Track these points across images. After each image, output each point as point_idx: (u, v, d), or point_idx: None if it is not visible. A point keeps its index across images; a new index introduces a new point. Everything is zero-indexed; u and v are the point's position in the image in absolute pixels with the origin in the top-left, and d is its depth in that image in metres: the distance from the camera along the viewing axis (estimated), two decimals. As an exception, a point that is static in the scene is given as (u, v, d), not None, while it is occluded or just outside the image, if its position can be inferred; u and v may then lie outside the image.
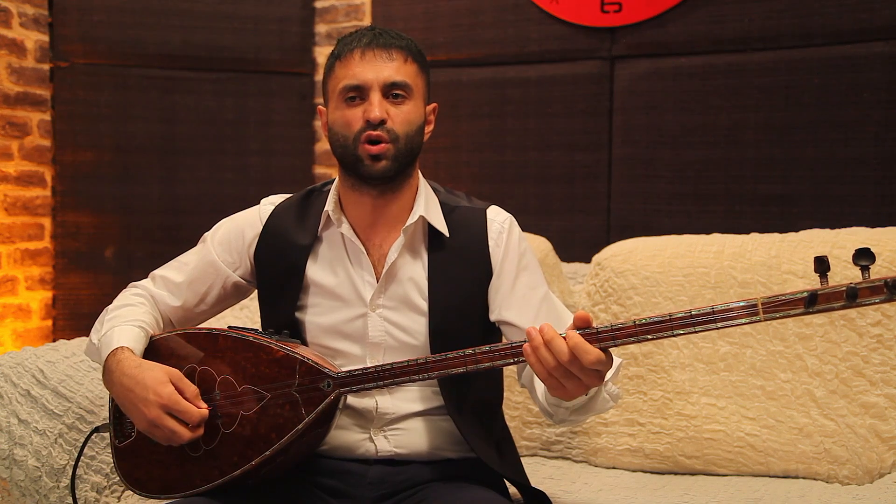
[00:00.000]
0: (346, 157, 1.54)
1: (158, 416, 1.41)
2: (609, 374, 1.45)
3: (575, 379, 1.29)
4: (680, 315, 1.25)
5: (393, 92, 1.52)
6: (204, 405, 1.45)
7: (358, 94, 1.51)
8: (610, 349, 1.30)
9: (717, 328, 1.25)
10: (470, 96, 2.91)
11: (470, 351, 1.35)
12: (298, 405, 1.42)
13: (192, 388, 1.45)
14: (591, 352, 1.26)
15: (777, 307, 1.22)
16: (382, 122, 1.50)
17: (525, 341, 1.31)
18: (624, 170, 2.74)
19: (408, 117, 1.53)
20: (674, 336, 1.27)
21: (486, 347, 1.35)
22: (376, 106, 1.49)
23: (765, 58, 2.56)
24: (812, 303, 1.20)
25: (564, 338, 1.27)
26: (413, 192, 1.60)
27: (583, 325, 1.29)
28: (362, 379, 1.42)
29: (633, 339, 1.27)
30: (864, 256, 1.19)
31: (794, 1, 2.52)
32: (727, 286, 1.97)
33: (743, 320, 1.23)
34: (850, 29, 2.47)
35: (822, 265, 1.20)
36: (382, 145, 1.50)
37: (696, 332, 1.26)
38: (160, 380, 1.43)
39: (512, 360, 1.34)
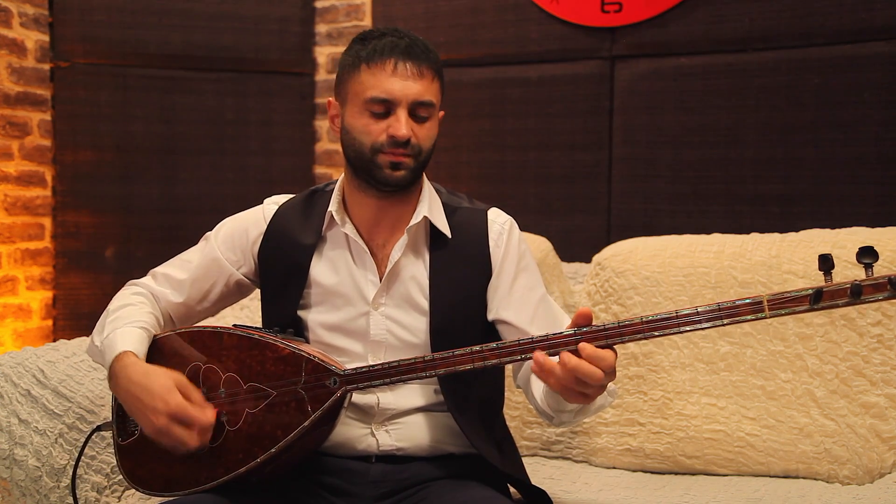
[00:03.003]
0: (361, 162, 1.53)
1: (166, 425, 1.41)
2: None
3: (593, 387, 1.30)
4: (686, 311, 1.27)
5: (419, 112, 1.51)
6: (211, 410, 1.45)
7: (384, 107, 1.50)
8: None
9: (724, 325, 1.26)
10: (470, 96, 2.91)
11: (477, 348, 1.36)
12: (304, 402, 1.43)
13: (197, 395, 1.45)
14: (606, 357, 1.27)
15: (783, 304, 1.23)
16: (408, 141, 1.50)
17: (529, 339, 1.33)
18: (624, 170, 2.74)
19: (430, 133, 1.54)
20: (680, 332, 1.28)
21: (494, 345, 1.35)
22: (403, 124, 1.49)
23: (765, 58, 2.56)
24: (817, 299, 1.22)
25: (576, 352, 1.28)
26: (417, 192, 1.61)
27: (585, 323, 1.30)
28: (369, 376, 1.42)
29: (640, 335, 1.29)
30: (867, 254, 1.20)
31: (794, 1, 2.52)
32: (727, 286, 1.97)
33: (749, 317, 1.25)
34: (850, 29, 2.47)
35: (826, 263, 1.22)
36: (404, 158, 1.51)
37: (702, 328, 1.27)
38: (168, 388, 1.42)
39: (519, 357, 1.35)
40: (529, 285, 1.61)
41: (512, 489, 1.64)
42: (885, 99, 2.43)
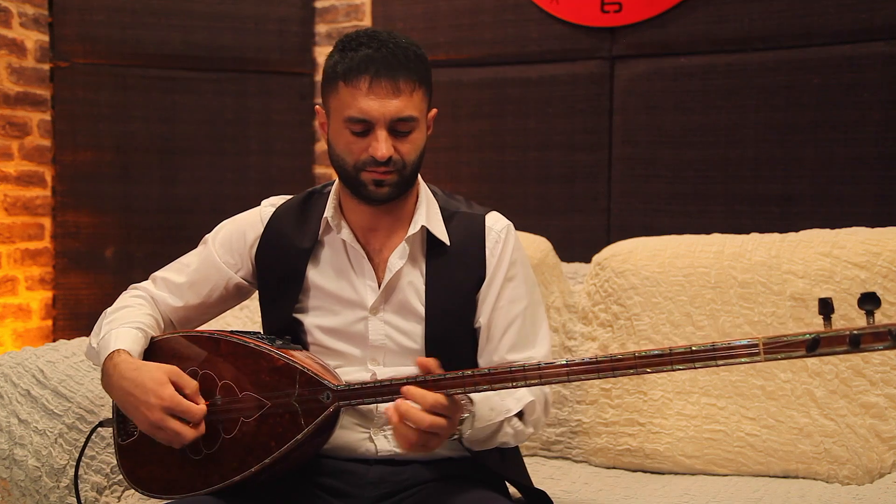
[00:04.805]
0: (346, 179, 1.54)
1: (161, 419, 1.41)
2: (511, 413, 1.47)
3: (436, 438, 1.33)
4: (681, 350, 1.26)
5: (399, 128, 1.48)
6: (202, 401, 1.45)
7: (363, 126, 1.48)
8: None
9: (718, 365, 1.25)
10: (470, 96, 2.91)
11: (468, 372, 1.34)
12: (298, 415, 1.42)
13: (192, 384, 1.45)
14: (427, 399, 1.30)
15: (779, 349, 1.21)
16: (389, 159, 1.48)
17: (521, 366, 1.33)
18: (624, 170, 2.74)
19: (414, 146, 1.51)
20: (673, 370, 1.28)
21: (486, 370, 1.34)
22: (382, 144, 1.46)
23: (765, 58, 2.56)
24: (814, 347, 1.19)
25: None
26: (413, 197, 1.60)
27: (424, 373, 1.32)
28: (362, 393, 1.41)
29: (632, 370, 1.28)
30: (868, 301, 1.17)
31: (794, 1, 2.52)
32: (727, 286, 1.97)
33: (744, 359, 1.24)
34: (850, 29, 2.47)
35: (826, 308, 1.19)
36: (387, 176, 1.49)
37: (695, 368, 1.26)
38: (160, 381, 1.42)
39: (510, 385, 1.33)
40: (513, 297, 1.59)
41: (512, 489, 1.63)
42: (885, 99, 2.43)
